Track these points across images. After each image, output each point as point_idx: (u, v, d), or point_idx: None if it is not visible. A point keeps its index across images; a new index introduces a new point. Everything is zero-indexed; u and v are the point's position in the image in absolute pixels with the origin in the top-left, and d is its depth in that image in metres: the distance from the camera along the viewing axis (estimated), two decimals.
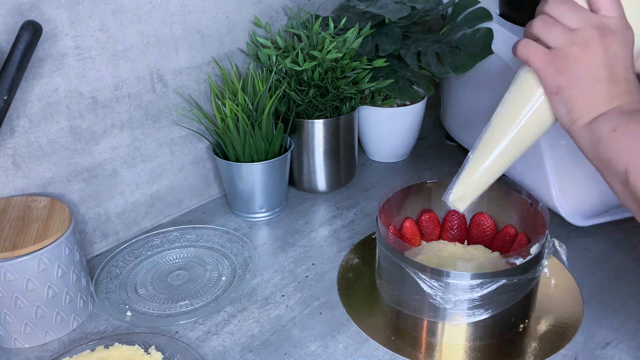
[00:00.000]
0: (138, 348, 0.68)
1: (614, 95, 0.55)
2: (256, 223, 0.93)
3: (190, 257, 0.85)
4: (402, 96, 1.00)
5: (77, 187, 0.81)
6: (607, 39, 0.55)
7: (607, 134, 0.54)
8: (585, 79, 0.55)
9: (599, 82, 0.55)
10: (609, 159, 0.54)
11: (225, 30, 0.93)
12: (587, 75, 0.55)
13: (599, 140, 0.55)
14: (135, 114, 0.85)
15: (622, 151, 0.53)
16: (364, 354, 0.68)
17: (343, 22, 0.95)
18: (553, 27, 0.56)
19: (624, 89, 0.55)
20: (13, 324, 0.68)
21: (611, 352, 0.67)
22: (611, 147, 0.54)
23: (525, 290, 0.67)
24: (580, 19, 0.55)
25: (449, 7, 1.03)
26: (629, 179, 0.52)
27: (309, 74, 0.91)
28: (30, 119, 0.74)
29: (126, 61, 0.81)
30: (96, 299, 0.76)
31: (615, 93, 0.55)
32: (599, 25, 0.55)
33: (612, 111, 0.55)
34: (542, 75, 0.57)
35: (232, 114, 0.86)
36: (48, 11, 0.72)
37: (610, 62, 0.55)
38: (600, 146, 0.55)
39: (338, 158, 0.98)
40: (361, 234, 0.89)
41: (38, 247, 0.66)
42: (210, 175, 0.99)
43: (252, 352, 0.69)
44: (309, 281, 0.80)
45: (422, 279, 0.65)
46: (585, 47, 0.55)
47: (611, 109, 0.55)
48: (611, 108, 0.55)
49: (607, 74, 0.55)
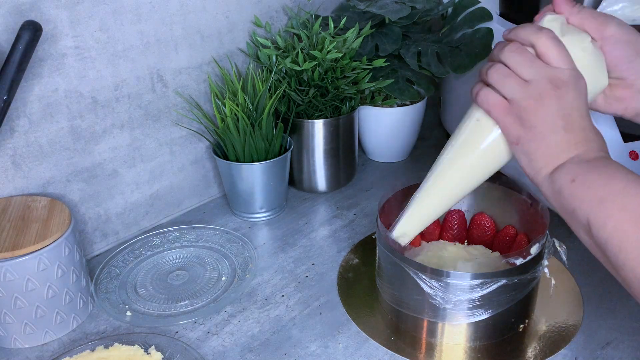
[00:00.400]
0: (138, 348, 0.68)
1: (572, 144, 0.56)
2: (256, 223, 0.93)
3: (190, 257, 0.85)
4: (402, 96, 1.00)
5: (77, 187, 0.81)
6: (560, 91, 0.56)
7: (567, 185, 0.55)
8: (542, 130, 0.57)
9: (556, 132, 0.56)
10: (572, 209, 0.54)
11: (225, 30, 0.93)
12: (544, 126, 0.56)
13: (560, 191, 0.55)
14: (135, 114, 0.85)
15: (583, 202, 0.53)
16: (364, 354, 0.68)
17: (343, 22, 0.95)
18: (508, 79, 0.57)
19: (580, 137, 0.56)
20: (13, 324, 0.68)
21: (611, 352, 0.67)
22: (572, 198, 0.54)
23: (525, 290, 0.67)
24: (534, 71, 0.56)
25: (449, 7, 1.03)
26: (591, 230, 0.53)
27: (309, 74, 0.91)
28: (30, 119, 0.74)
29: (126, 61, 0.81)
30: (96, 299, 0.76)
31: (573, 142, 0.56)
32: (551, 77, 0.56)
33: (571, 161, 0.56)
34: (502, 125, 0.58)
35: (232, 114, 0.86)
36: (48, 11, 0.72)
37: (565, 113, 0.56)
38: (561, 197, 0.55)
39: (338, 158, 0.98)
40: (361, 234, 0.89)
41: (38, 247, 0.66)
42: (210, 175, 0.99)
43: (252, 352, 0.69)
44: (309, 281, 0.80)
45: (422, 279, 0.65)
46: (540, 99, 0.56)
47: (570, 159, 0.56)
48: (570, 157, 0.56)
49: (563, 124, 0.56)
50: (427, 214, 0.66)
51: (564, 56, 0.57)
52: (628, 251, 0.50)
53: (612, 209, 0.52)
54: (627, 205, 0.51)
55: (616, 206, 0.51)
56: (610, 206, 0.52)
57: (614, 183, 0.52)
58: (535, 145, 0.57)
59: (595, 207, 0.53)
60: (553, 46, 0.57)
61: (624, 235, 0.51)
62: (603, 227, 0.52)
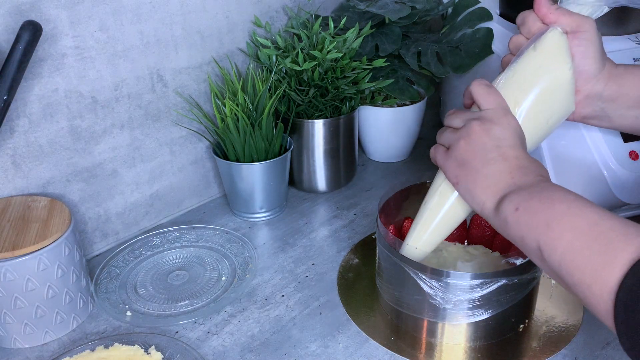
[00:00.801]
0: (138, 348, 0.68)
1: (506, 173, 0.58)
2: (256, 223, 0.93)
3: (190, 257, 0.85)
4: (402, 96, 1.00)
5: (77, 187, 0.81)
6: (485, 126, 0.60)
7: (512, 214, 0.56)
8: (476, 164, 0.60)
9: (489, 164, 0.59)
10: (521, 237, 0.55)
11: (225, 30, 0.93)
12: (476, 160, 0.60)
13: (506, 221, 0.56)
14: (135, 114, 0.85)
15: (530, 228, 0.54)
16: (364, 354, 0.68)
17: (343, 22, 0.95)
18: (445, 132, 0.65)
19: (514, 166, 0.58)
20: (13, 324, 0.68)
21: (611, 352, 0.67)
22: (518, 227, 0.55)
23: (525, 290, 0.67)
24: (462, 118, 0.63)
25: (449, 7, 1.03)
26: (543, 255, 0.53)
27: (309, 74, 0.91)
28: (30, 119, 0.74)
29: (126, 61, 0.81)
30: (96, 299, 0.76)
31: (507, 171, 0.58)
32: (477, 117, 0.61)
33: (510, 190, 0.57)
34: (444, 170, 0.64)
35: (232, 114, 0.86)
36: (48, 11, 0.72)
37: (495, 144, 0.59)
38: (508, 227, 0.56)
39: (338, 158, 0.98)
40: (361, 234, 0.89)
41: (38, 247, 0.66)
42: (210, 175, 0.99)
43: (252, 352, 0.69)
44: (309, 281, 0.80)
45: (422, 279, 0.65)
46: (468, 137, 0.61)
47: (509, 188, 0.57)
48: (509, 186, 0.57)
49: (495, 155, 0.59)
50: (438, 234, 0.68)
51: (490, 98, 0.62)
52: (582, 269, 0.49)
53: (560, 230, 0.51)
54: (575, 224, 0.51)
55: (564, 227, 0.51)
56: (558, 228, 0.52)
57: (557, 206, 0.53)
58: (472, 180, 0.60)
59: (543, 232, 0.53)
60: (478, 92, 0.62)
61: (576, 254, 0.50)
62: (554, 250, 0.52)
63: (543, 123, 0.64)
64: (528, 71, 0.63)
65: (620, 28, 0.86)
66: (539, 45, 0.63)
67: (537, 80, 0.62)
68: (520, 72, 0.63)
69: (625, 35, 0.85)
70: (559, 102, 0.63)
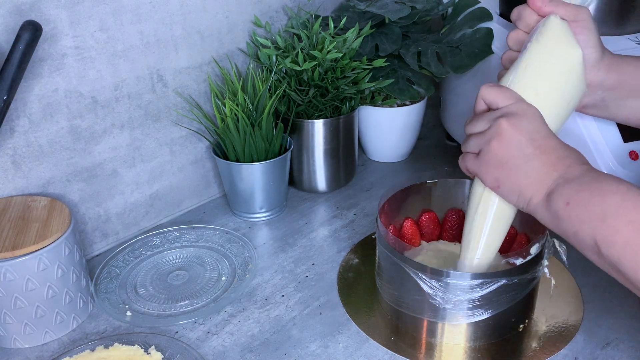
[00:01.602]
0: (138, 348, 0.68)
1: (549, 165, 0.57)
2: (256, 223, 0.93)
3: (190, 257, 0.85)
4: (402, 96, 1.00)
5: (77, 187, 0.81)
6: (513, 121, 0.58)
7: (563, 210, 0.55)
8: (515, 162, 0.58)
9: (530, 160, 0.58)
10: (574, 232, 0.54)
11: (225, 30, 0.93)
12: (515, 158, 0.58)
13: (558, 217, 0.56)
14: (135, 114, 0.85)
15: (583, 223, 0.53)
16: (364, 354, 0.68)
17: (343, 22, 0.95)
18: (471, 139, 0.63)
19: (555, 157, 0.57)
20: (13, 324, 0.68)
21: (611, 352, 0.67)
22: (571, 221, 0.54)
23: (525, 290, 0.67)
24: (485, 121, 0.61)
25: (449, 7, 1.03)
26: (600, 250, 0.52)
27: (309, 74, 0.91)
28: (30, 119, 0.74)
29: (126, 61, 0.81)
30: (96, 299, 0.76)
31: (550, 163, 0.57)
32: (501, 114, 0.59)
33: (557, 183, 0.56)
34: (481, 176, 0.62)
35: (232, 114, 0.86)
36: (48, 11, 0.72)
37: (529, 138, 0.58)
38: (561, 222, 0.56)
39: (338, 158, 0.98)
40: (361, 234, 0.89)
41: (38, 247, 0.66)
42: (210, 175, 0.99)
43: (252, 352, 0.69)
44: (309, 281, 0.80)
45: (422, 279, 0.65)
46: (499, 136, 0.59)
47: (555, 182, 0.56)
48: (555, 180, 0.56)
49: (533, 150, 0.58)
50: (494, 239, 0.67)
51: (505, 94, 0.61)
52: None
53: (617, 224, 0.50)
54: (631, 218, 0.50)
55: (621, 221, 0.50)
56: (614, 222, 0.51)
57: (609, 198, 0.52)
58: (514, 180, 0.59)
59: (598, 225, 0.52)
60: (492, 91, 0.61)
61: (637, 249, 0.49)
62: (613, 245, 0.51)
63: (565, 107, 0.63)
64: (540, 61, 0.62)
65: (620, 28, 0.86)
66: (543, 34, 0.62)
67: (551, 67, 0.62)
68: (533, 64, 0.62)
69: (625, 35, 0.85)
70: (576, 83, 0.63)
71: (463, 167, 0.65)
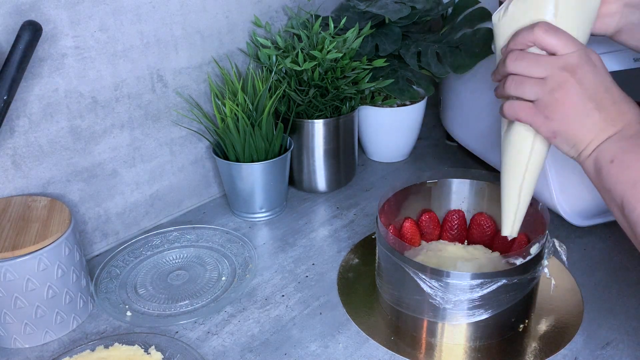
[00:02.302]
0: (138, 348, 0.68)
1: (608, 121, 0.57)
2: (256, 223, 0.93)
3: (190, 257, 0.85)
4: (402, 96, 1.00)
5: (77, 187, 0.81)
6: (577, 75, 0.57)
7: (606, 165, 0.56)
8: (575, 116, 0.58)
9: (590, 115, 0.57)
10: (609, 189, 0.56)
11: (225, 30, 0.93)
12: (576, 112, 0.57)
13: (600, 171, 0.57)
14: (135, 114, 0.85)
15: (618, 182, 0.55)
16: (364, 354, 0.68)
17: (343, 22, 0.95)
18: (525, 84, 0.59)
19: (614, 113, 0.57)
20: (13, 324, 0.68)
21: (611, 352, 0.67)
22: (609, 178, 0.56)
23: (525, 290, 0.67)
24: (545, 67, 0.58)
25: (449, 7, 1.03)
26: (624, 210, 0.55)
27: (309, 74, 0.91)
28: (30, 119, 0.74)
29: (126, 61, 0.81)
30: (96, 299, 0.76)
31: (609, 119, 0.57)
32: (564, 65, 0.57)
33: (611, 139, 0.57)
34: (536, 126, 0.60)
35: (232, 114, 0.86)
36: (48, 11, 0.72)
37: (591, 93, 0.57)
38: (601, 176, 0.57)
39: (338, 158, 0.98)
40: (361, 234, 0.89)
41: (38, 247, 0.66)
42: (210, 175, 0.99)
43: (252, 352, 0.69)
44: (309, 281, 0.80)
45: (422, 279, 0.65)
46: (562, 89, 0.57)
47: (610, 137, 0.57)
48: (610, 135, 0.57)
49: (594, 105, 0.57)
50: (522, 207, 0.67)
51: (566, 40, 0.58)
52: None
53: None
54: None
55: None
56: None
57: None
58: (573, 133, 0.58)
59: (628, 189, 0.54)
60: (552, 36, 0.58)
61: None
62: (634, 210, 0.53)
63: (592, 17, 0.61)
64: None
65: None
66: None
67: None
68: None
69: None
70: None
71: (511, 114, 0.61)
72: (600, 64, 0.58)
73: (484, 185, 0.79)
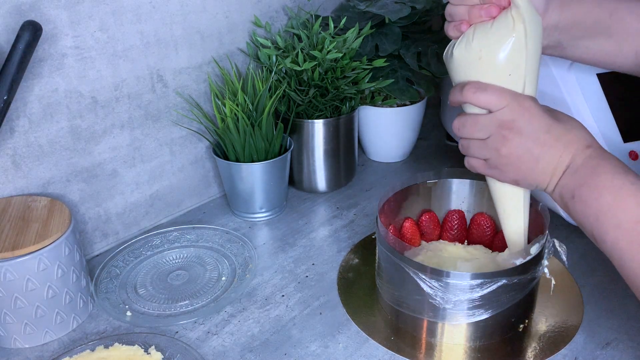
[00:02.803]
0: (138, 348, 0.68)
1: (558, 157, 0.59)
2: (256, 223, 0.93)
3: (190, 257, 0.85)
4: (402, 96, 1.00)
5: (77, 187, 0.81)
6: (514, 129, 0.59)
7: (569, 202, 0.58)
8: (526, 166, 0.60)
9: (538, 160, 0.59)
10: (580, 223, 0.58)
11: (225, 30, 0.93)
12: (525, 162, 0.60)
13: (567, 207, 0.59)
14: (135, 114, 0.85)
15: (584, 217, 0.57)
16: (364, 354, 0.68)
17: (343, 22, 0.95)
18: (471, 147, 0.63)
19: (561, 148, 0.58)
20: (13, 324, 0.68)
21: (611, 352, 0.67)
22: (576, 214, 0.58)
23: (525, 290, 0.67)
24: (484, 129, 0.61)
25: None
26: (596, 241, 0.56)
27: (309, 74, 0.91)
28: (30, 119, 0.74)
29: (126, 61, 0.81)
30: (96, 299, 0.76)
31: (558, 155, 0.59)
32: (500, 123, 0.59)
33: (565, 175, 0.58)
34: (495, 178, 0.64)
35: (232, 114, 0.86)
36: (48, 11, 0.72)
37: (533, 139, 0.59)
38: (569, 211, 0.59)
39: (338, 158, 0.98)
40: (361, 234, 0.89)
41: (38, 247, 0.66)
42: (210, 175, 0.99)
43: (252, 352, 0.69)
44: (309, 281, 0.80)
45: (422, 279, 0.65)
46: (504, 146, 0.60)
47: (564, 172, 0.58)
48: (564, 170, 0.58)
49: (539, 149, 0.59)
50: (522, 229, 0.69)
51: (497, 95, 0.59)
52: (626, 267, 0.53)
53: (607, 225, 0.54)
54: (619, 222, 0.53)
55: (610, 223, 0.54)
56: (605, 223, 0.54)
57: (604, 196, 0.55)
58: (530, 179, 0.61)
59: (594, 223, 0.55)
60: (481, 95, 0.60)
61: (620, 252, 0.54)
62: (603, 243, 0.55)
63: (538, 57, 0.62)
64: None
65: None
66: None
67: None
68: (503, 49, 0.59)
69: None
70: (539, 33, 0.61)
71: (472, 169, 0.65)
72: (534, 107, 0.59)
73: (484, 185, 0.79)
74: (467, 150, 0.64)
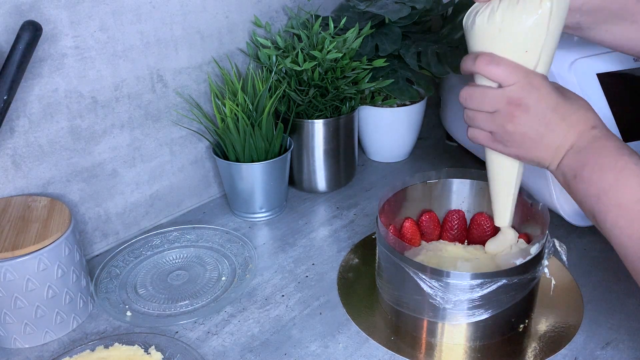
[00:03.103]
0: (138, 348, 0.68)
1: (563, 136, 0.59)
2: (256, 223, 0.93)
3: (190, 257, 0.85)
4: (402, 96, 1.00)
5: (77, 187, 0.81)
6: (522, 106, 0.59)
7: (571, 181, 0.58)
8: (530, 143, 0.60)
9: (543, 138, 0.60)
10: (580, 202, 0.58)
11: (225, 30, 0.93)
12: (529, 139, 0.60)
13: (569, 185, 0.59)
14: (135, 114, 0.85)
15: (585, 196, 0.57)
16: (364, 354, 0.68)
17: (343, 22, 0.95)
18: (477, 118, 0.63)
19: (565, 128, 0.59)
20: (13, 324, 0.68)
21: (611, 352, 0.67)
22: (577, 193, 0.58)
23: (525, 290, 0.67)
24: (493, 103, 0.60)
25: (449, 7, 1.03)
26: (597, 221, 0.57)
27: (309, 74, 0.91)
28: (30, 119, 0.74)
29: (126, 61, 0.81)
30: (96, 299, 0.76)
31: (563, 134, 0.59)
32: (509, 100, 0.59)
33: (568, 154, 0.59)
34: (498, 151, 0.64)
35: (232, 114, 0.86)
36: (48, 11, 0.72)
37: (539, 118, 0.59)
38: (570, 190, 0.59)
39: (338, 158, 0.98)
40: (361, 234, 0.89)
41: (38, 247, 0.66)
42: (210, 175, 0.99)
43: (252, 352, 0.69)
44: (309, 281, 0.80)
45: (422, 279, 0.65)
46: (511, 122, 0.60)
47: (567, 151, 0.59)
48: (567, 149, 0.59)
49: (544, 128, 0.59)
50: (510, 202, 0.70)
51: (509, 70, 0.59)
52: (626, 246, 0.54)
53: (608, 204, 0.55)
54: (620, 201, 0.54)
55: (611, 202, 0.54)
56: (606, 202, 0.55)
57: (606, 176, 0.55)
58: (532, 155, 0.61)
59: (595, 203, 0.56)
60: (494, 67, 0.59)
61: (620, 231, 0.54)
62: (604, 222, 0.55)
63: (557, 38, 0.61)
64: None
65: None
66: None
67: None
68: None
69: None
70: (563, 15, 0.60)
71: (475, 141, 0.65)
72: (544, 85, 0.59)
73: (484, 185, 0.79)
74: (472, 121, 0.63)
